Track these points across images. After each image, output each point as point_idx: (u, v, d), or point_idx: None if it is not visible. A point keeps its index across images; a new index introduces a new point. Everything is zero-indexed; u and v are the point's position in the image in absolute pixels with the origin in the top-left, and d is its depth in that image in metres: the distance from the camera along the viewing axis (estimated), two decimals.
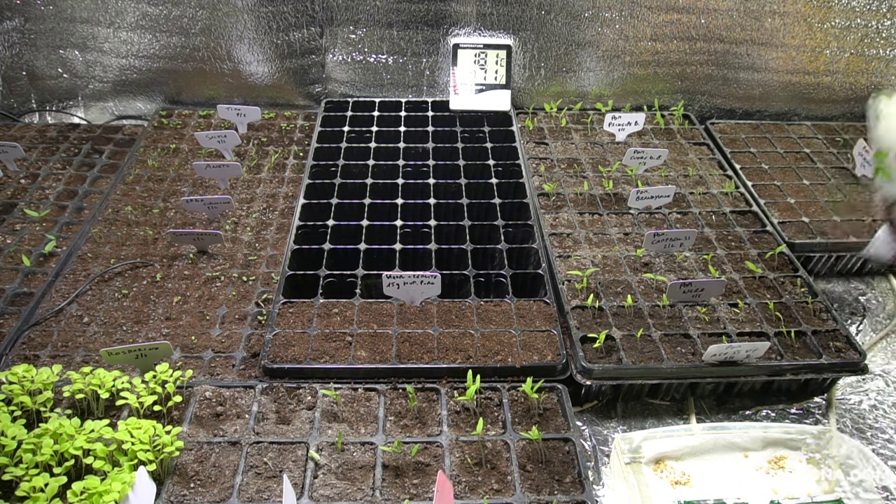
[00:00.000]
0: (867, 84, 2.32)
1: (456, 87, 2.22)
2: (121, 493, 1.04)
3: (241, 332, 1.51)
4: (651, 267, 1.68)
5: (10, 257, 1.69)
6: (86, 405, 1.28)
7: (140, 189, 1.94)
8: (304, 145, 2.16)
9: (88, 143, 2.15)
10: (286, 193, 1.95)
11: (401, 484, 1.18)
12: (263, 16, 2.17)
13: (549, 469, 1.22)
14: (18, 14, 2.16)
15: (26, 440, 1.12)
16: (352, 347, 1.41)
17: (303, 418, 1.30)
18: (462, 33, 2.24)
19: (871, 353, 1.61)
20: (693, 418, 1.45)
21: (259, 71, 2.30)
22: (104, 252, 1.71)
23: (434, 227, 1.76)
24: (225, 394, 1.34)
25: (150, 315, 1.55)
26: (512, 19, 2.20)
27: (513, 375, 1.39)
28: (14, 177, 1.98)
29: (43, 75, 2.29)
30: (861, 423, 1.45)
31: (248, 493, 1.15)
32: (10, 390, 1.23)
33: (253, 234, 1.80)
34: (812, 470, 1.32)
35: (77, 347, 1.45)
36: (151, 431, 1.15)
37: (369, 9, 2.18)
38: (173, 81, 2.34)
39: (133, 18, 2.17)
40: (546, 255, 1.68)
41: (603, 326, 1.49)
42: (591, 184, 1.95)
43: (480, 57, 2.20)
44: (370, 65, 2.31)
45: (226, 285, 1.64)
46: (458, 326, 1.48)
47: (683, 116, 2.30)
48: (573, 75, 2.31)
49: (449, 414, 1.31)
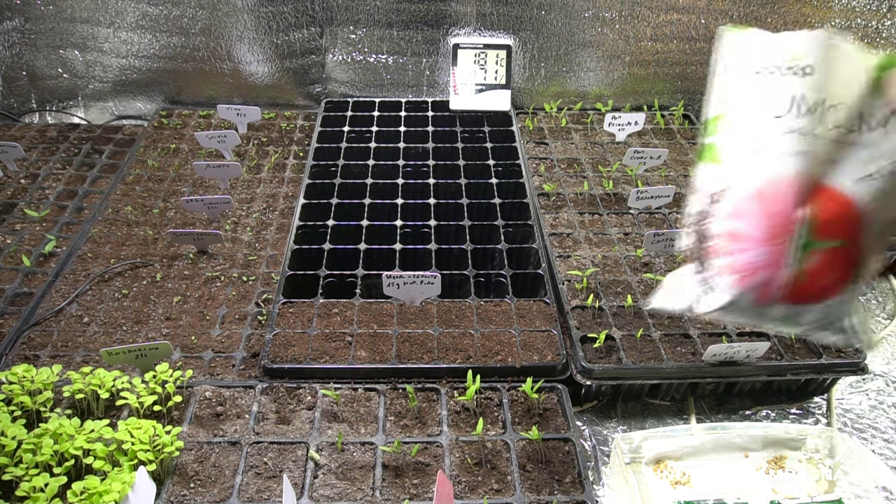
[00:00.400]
0: None
1: (456, 87, 2.22)
2: (121, 493, 1.04)
3: (241, 332, 1.51)
4: (651, 267, 1.68)
5: (10, 257, 1.69)
6: (86, 405, 1.28)
7: (140, 189, 1.94)
8: (304, 145, 2.16)
9: (88, 143, 2.15)
10: (286, 193, 1.95)
11: (401, 484, 1.18)
12: (263, 16, 2.17)
13: (549, 469, 1.22)
14: (18, 14, 2.16)
15: (26, 440, 1.12)
16: (352, 347, 1.41)
17: (303, 418, 1.30)
18: (462, 33, 2.24)
19: (871, 354, 1.61)
20: (693, 418, 1.45)
21: (259, 71, 2.30)
22: (104, 252, 1.71)
23: (434, 227, 1.76)
24: (225, 394, 1.34)
25: (150, 315, 1.55)
26: (512, 19, 2.20)
27: (513, 375, 1.39)
28: (14, 177, 1.98)
29: (43, 75, 2.29)
30: (861, 423, 1.45)
31: (248, 493, 1.15)
32: (10, 390, 1.23)
33: (253, 234, 1.80)
34: (812, 470, 1.32)
35: (77, 347, 1.46)
36: (151, 431, 1.15)
37: (369, 9, 2.18)
38: (173, 81, 2.34)
39: (133, 18, 2.17)
40: (546, 255, 1.68)
41: (603, 326, 1.49)
42: (591, 184, 1.95)
43: (480, 57, 2.20)
44: (370, 65, 2.31)
45: (226, 285, 1.64)
46: (458, 326, 1.48)
47: (683, 116, 2.30)
48: (573, 75, 2.31)
49: (449, 414, 1.31)
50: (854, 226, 0.93)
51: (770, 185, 0.91)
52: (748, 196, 0.93)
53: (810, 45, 0.89)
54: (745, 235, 0.93)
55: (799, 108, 0.90)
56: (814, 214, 0.90)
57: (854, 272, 0.97)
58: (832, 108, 0.90)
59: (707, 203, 0.97)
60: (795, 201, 0.90)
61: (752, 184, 0.92)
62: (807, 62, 0.89)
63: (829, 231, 0.92)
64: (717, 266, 0.97)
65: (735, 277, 0.95)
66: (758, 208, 0.92)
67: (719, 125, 0.97)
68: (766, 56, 0.93)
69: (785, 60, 0.91)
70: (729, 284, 0.96)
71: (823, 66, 0.89)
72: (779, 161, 0.91)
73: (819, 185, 0.91)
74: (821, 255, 0.93)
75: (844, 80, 0.90)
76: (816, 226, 0.91)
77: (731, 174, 0.95)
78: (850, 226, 0.93)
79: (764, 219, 0.92)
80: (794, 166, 0.90)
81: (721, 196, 0.95)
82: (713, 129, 0.98)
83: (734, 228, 0.94)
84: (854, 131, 0.91)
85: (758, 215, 0.92)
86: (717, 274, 0.97)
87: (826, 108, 0.90)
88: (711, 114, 0.99)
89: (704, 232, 0.98)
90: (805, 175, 0.90)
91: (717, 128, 0.97)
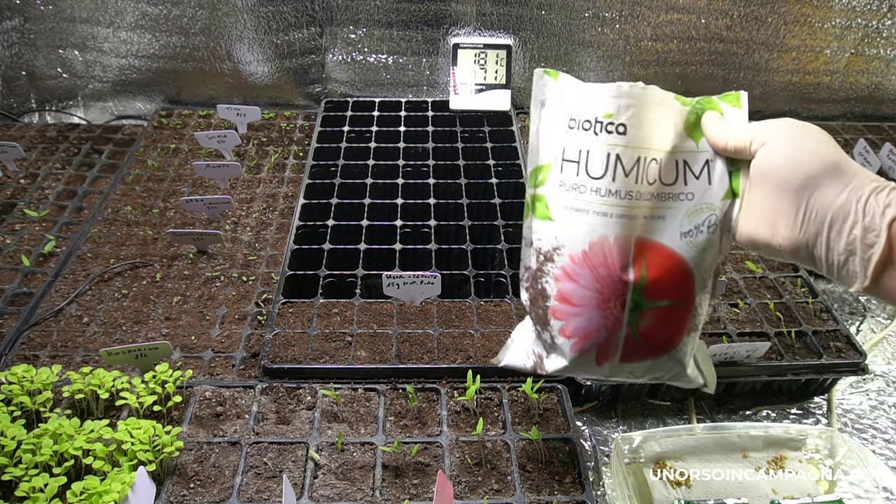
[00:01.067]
0: (867, 84, 2.32)
1: (456, 87, 2.22)
2: (120, 494, 1.04)
3: (240, 332, 1.51)
4: None
5: (10, 257, 1.69)
6: (85, 405, 1.28)
7: (140, 189, 1.94)
8: (304, 145, 2.15)
9: (88, 143, 2.15)
10: (286, 193, 1.95)
11: (401, 484, 1.18)
12: (263, 16, 2.17)
13: (549, 469, 1.22)
14: (18, 14, 2.16)
15: (26, 440, 1.12)
16: (352, 347, 1.41)
17: (303, 418, 1.30)
18: (462, 33, 2.24)
19: (871, 354, 1.61)
20: (693, 418, 1.45)
21: (259, 71, 2.30)
22: (104, 252, 1.71)
23: (434, 227, 1.76)
24: (225, 394, 1.34)
25: (150, 315, 1.54)
26: (512, 19, 2.20)
27: (513, 375, 1.39)
28: (13, 177, 1.98)
29: (43, 75, 2.29)
30: (861, 424, 1.45)
31: (248, 494, 1.15)
32: (10, 390, 1.23)
33: (253, 234, 1.80)
34: (812, 470, 1.32)
35: (77, 347, 1.45)
36: (151, 431, 1.15)
37: (369, 9, 2.18)
38: (173, 81, 2.34)
39: (133, 18, 2.17)
40: None
41: None
42: None
43: (480, 57, 2.20)
44: (370, 65, 2.31)
45: (226, 285, 1.63)
46: (458, 326, 1.48)
47: None
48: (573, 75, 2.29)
49: (449, 414, 1.31)
50: (684, 282, 0.90)
51: (595, 246, 0.86)
52: (576, 257, 0.88)
53: (621, 101, 0.84)
54: (576, 298, 0.89)
55: (615, 169, 0.84)
56: (642, 275, 0.87)
57: (688, 324, 0.94)
58: (653, 162, 0.85)
59: (539, 261, 0.92)
60: (622, 263, 0.86)
61: (579, 244, 0.87)
62: (619, 120, 0.84)
63: (659, 291, 0.88)
64: (555, 328, 0.93)
65: (572, 341, 0.92)
66: (586, 271, 0.88)
67: (547, 175, 0.90)
68: (579, 109, 0.87)
69: (597, 116, 0.85)
70: (568, 347, 0.93)
71: (637, 121, 0.84)
72: (601, 223, 0.86)
73: (645, 242, 0.87)
74: (654, 314, 0.90)
75: (662, 131, 0.85)
76: (646, 287, 0.87)
77: (560, 232, 0.89)
78: (680, 283, 0.89)
79: (593, 282, 0.88)
80: (617, 228, 0.85)
81: (552, 255, 0.90)
82: (541, 179, 0.90)
83: (565, 290, 0.90)
84: (677, 182, 0.86)
85: (586, 278, 0.88)
86: (556, 335, 0.94)
87: (647, 164, 0.85)
88: (538, 161, 0.91)
89: (540, 291, 0.93)
90: (629, 236, 0.86)
91: (545, 178, 0.90)
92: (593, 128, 0.86)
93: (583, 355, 0.94)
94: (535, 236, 0.93)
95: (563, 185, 0.88)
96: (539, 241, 0.92)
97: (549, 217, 0.90)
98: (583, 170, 0.86)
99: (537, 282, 0.93)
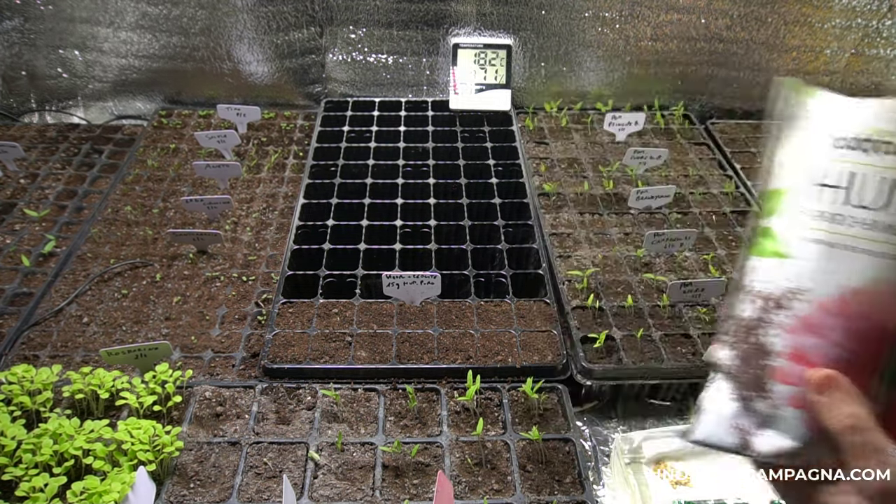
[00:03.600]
0: (867, 84, 2.32)
1: (456, 87, 2.22)
2: (120, 494, 1.04)
3: (240, 332, 1.51)
4: (651, 267, 1.68)
5: (10, 257, 1.69)
6: (85, 405, 1.28)
7: (140, 189, 1.94)
8: (303, 145, 2.15)
9: (88, 143, 2.15)
10: (286, 193, 1.95)
11: (401, 484, 1.18)
12: (263, 16, 2.17)
13: (549, 469, 1.22)
14: (18, 14, 2.16)
15: (26, 440, 1.12)
16: (352, 347, 1.41)
17: (303, 418, 1.30)
18: (462, 33, 2.24)
19: None
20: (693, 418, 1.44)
21: (259, 71, 2.29)
22: (104, 252, 1.71)
23: (434, 226, 1.76)
24: (225, 394, 1.34)
25: (150, 315, 1.54)
26: (512, 19, 2.20)
27: (513, 376, 1.39)
28: (13, 177, 1.98)
29: (42, 75, 2.29)
30: None
31: (248, 494, 1.15)
32: (10, 390, 1.23)
33: (253, 234, 1.80)
34: None
35: (77, 347, 1.45)
36: (151, 431, 1.15)
37: (369, 9, 2.18)
38: (173, 81, 2.34)
39: (133, 18, 2.16)
40: (546, 255, 1.68)
41: (603, 327, 1.49)
42: (592, 184, 1.95)
43: (480, 57, 2.20)
44: (370, 65, 2.31)
45: (225, 285, 1.63)
46: (458, 326, 1.48)
47: (683, 116, 2.30)
48: (573, 75, 2.31)
49: (449, 414, 1.31)
50: None
51: (856, 293, 0.68)
52: (828, 304, 0.69)
53: None
54: (818, 357, 0.69)
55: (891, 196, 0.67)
56: None
57: None
58: None
59: (764, 308, 0.73)
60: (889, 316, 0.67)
61: (834, 288, 0.69)
62: None
63: None
64: (779, 395, 0.71)
65: (806, 415, 0.69)
66: (837, 322, 0.68)
67: (786, 203, 0.72)
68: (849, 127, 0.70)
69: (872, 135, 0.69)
70: (798, 422, 0.70)
71: None
72: (872, 265, 0.68)
73: None
74: None
75: None
76: None
77: (805, 272, 0.71)
78: None
79: (846, 338, 0.68)
80: (888, 271, 0.67)
81: (788, 301, 0.71)
82: (774, 207, 0.73)
83: (805, 346, 0.70)
84: None
85: (837, 332, 0.68)
86: (779, 405, 0.72)
87: None
88: (774, 185, 0.73)
89: (760, 346, 0.73)
90: None
91: (780, 207, 0.72)
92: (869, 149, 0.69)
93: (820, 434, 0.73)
94: (752, 278, 0.74)
95: (821, 215, 0.70)
96: (761, 283, 0.73)
97: (782, 254, 0.72)
98: (850, 198, 0.69)
99: (753, 335, 0.73)
